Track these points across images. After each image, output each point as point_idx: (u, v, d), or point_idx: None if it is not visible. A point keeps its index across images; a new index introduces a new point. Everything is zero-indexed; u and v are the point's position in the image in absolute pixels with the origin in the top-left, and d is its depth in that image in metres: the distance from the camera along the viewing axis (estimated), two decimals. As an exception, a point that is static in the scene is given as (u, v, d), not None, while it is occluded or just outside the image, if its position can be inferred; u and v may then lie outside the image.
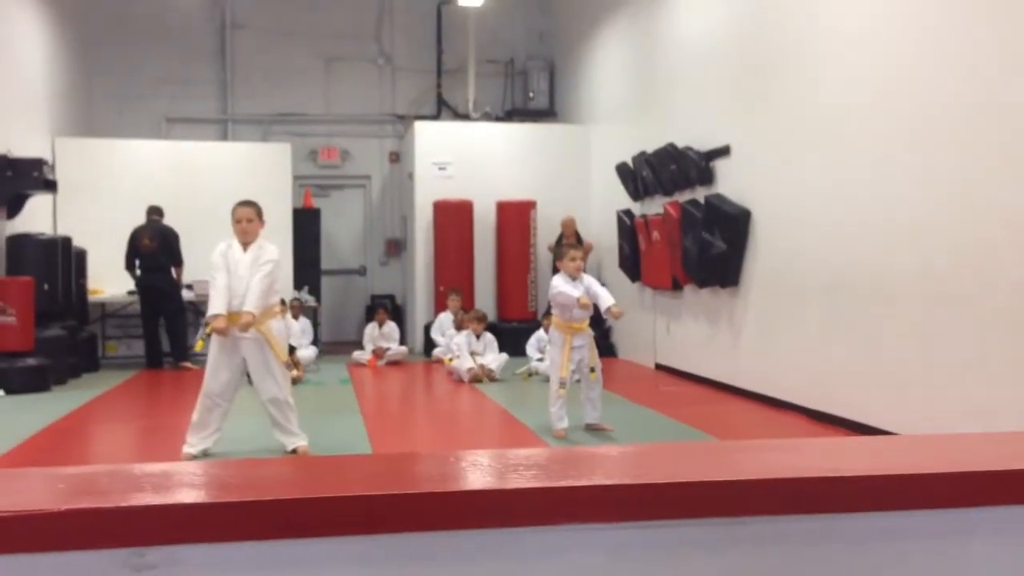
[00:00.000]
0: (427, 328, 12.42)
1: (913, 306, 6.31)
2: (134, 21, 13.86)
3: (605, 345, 11.67)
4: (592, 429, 7.12)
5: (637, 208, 11.29)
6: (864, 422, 6.83)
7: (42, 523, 1.12)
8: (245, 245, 6.29)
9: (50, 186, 10.24)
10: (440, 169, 13.07)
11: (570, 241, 9.85)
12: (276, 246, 6.51)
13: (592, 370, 7.04)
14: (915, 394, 6.30)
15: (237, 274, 6.15)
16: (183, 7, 13.75)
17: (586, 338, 7.06)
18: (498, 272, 13.01)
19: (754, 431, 7.31)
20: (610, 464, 1.48)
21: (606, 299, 6.99)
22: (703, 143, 9.41)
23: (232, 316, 6.07)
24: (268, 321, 6.24)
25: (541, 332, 10.69)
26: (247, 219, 6.34)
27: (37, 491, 1.24)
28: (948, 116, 5.98)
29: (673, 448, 1.86)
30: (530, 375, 10.26)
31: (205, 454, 6.18)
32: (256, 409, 6.42)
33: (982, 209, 5.70)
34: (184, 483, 1.30)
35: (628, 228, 11.24)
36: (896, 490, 1.36)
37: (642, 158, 10.79)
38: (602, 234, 12.48)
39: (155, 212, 11.26)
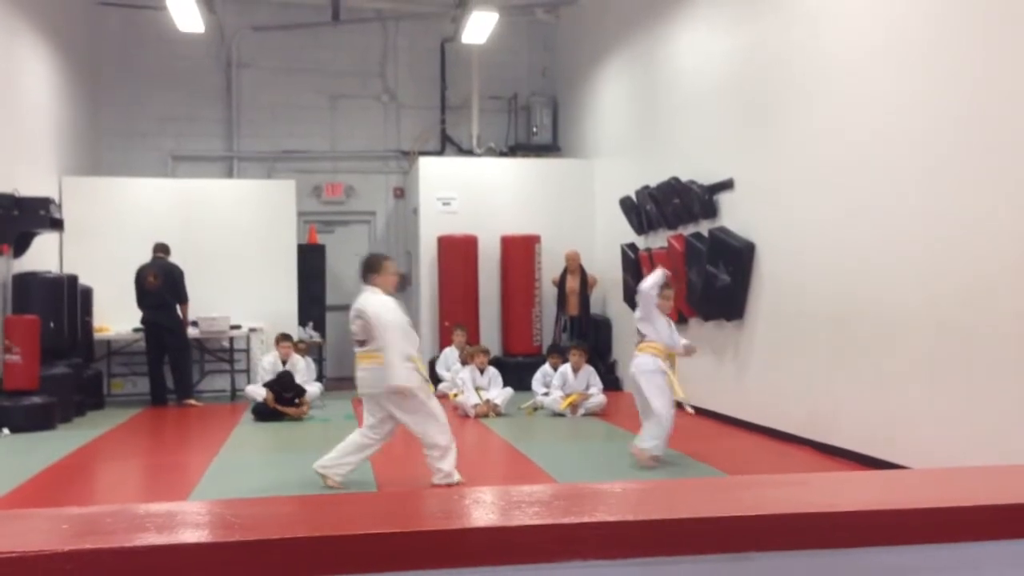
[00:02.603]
0: (432, 363, 12.39)
1: (919, 339, 6.29)
2: (140, 61, 14.01)
3: (610, 379, 11.64)
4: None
5: (641, 242, 11.32)
6: (871, 455, 6.79)
7: (47, 564, 1.12)
8: None
9: (56, 225, 10.29)
10: (444, 204, 13.13)
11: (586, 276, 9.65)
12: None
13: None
14: (921, 427, 6.27)
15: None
16: (189, 47, 13.89)
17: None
18: (503, 307, 13.01)
19: (761, 465, 7.27)
20: (614, 501, 1.47)
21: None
22: (706, 177, 9.45)
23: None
24: None
25: (547, 367, 10.67)
26: None
27: (41, 532, 1.25)
28: (953, 149, 6.00)
29: (677, 484, 1.85)
30: (535, 409, 10.23)
31: None
32: (273, 446, 6.41)
33: (988, 242, 5.70)
34: (188, 523, 1.30)
35: (632, 262, 11.26)
36: (903, 525, 1.36)
37: (646, 192, 10.83)
38: (606, 268, 12.50)
39: (161, 250, 11.30)
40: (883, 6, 6.73)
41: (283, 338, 10.76)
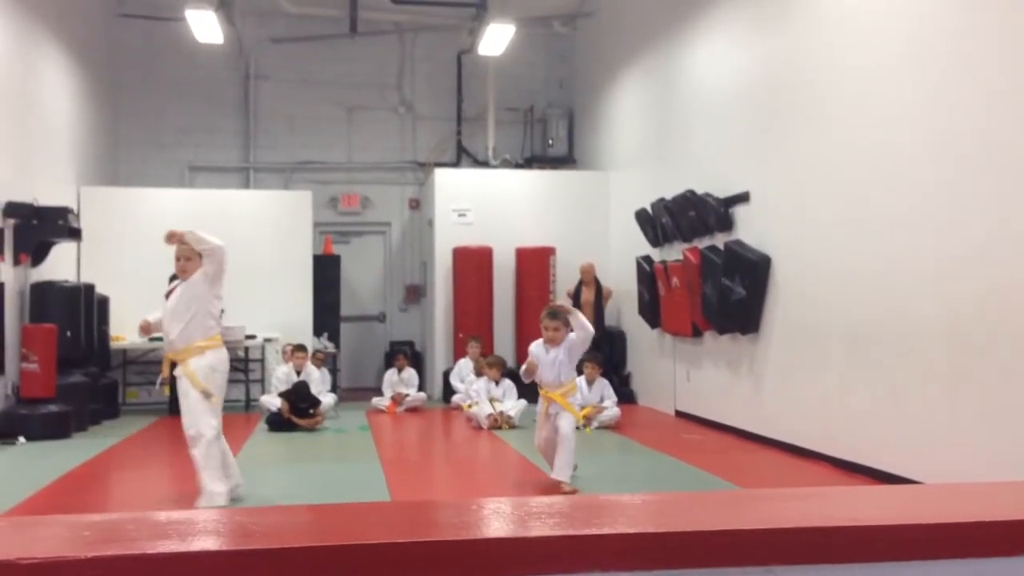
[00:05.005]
0: (446, 375, 12.40)
1: (937, 353, 6.25)
2: (159, 72, 14.12)
3: (625, 392, 11.62)
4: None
5: (656, 254, 11.30)
6: (888, 470, 6.75)
7: (69, 571, 1.12)
8: None
9: (75, 234, 10.36)
10: (460, 216, 13.15)
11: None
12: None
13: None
14: (939, 443, 6.22)
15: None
16: (208, 59, 13.98)
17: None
18: (517, 318, 13.00)
19: (777, 479, 7.23)
20: (633, 512, 1.47)
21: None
22: (722, 189, 9.43)
23: None
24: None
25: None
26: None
27: (63, 538, 1.25)
28: (968, 161, 5.97)
29: (696, 497, 1.85)
30: (550, 422, 10.19)
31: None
32: (287, 456, 6.42)
33: (1006, 255, 5.67)
34: (208, 531, 1.30)
35: (648, 274, 11.24)
36: (927, 540, 1.35)
37: (661, 204, 10.82)
38: (621, 280, 12.48)
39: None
40: (900, 16, 6.71)
41: (297, 349, 10.78)
